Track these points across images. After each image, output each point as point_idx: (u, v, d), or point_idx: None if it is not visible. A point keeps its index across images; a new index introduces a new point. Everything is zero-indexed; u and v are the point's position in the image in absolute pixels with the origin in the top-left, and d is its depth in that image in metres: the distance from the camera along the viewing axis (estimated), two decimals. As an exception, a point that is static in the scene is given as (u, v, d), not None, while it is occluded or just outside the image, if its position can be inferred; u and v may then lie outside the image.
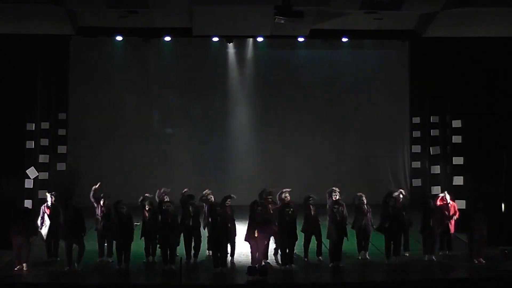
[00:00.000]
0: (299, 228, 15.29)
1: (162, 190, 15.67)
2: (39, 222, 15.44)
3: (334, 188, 15.33)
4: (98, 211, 15.46)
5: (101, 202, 15.45)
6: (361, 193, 15.74)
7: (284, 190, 15.33)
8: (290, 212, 14.87)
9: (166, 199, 15.27)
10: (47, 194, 15.68)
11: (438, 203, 15.94)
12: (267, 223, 14.88)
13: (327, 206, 15.28)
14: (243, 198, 16.12)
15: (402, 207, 15.49)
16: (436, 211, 15.62)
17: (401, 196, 15.70)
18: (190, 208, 15.25)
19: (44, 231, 15.31)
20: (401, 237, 15.43)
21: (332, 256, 15.04)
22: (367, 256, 15.63)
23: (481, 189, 17.25)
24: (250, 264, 14.58)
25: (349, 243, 15.59)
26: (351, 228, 15.60)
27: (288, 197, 15.22)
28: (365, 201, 15.59)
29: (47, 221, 15.25)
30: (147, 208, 15.24)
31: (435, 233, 15.54)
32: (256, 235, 14.68)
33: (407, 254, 15.80)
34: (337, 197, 15.17)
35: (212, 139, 22.33)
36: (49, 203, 15.43)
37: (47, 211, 15.35)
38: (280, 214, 14.99)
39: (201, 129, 22.32)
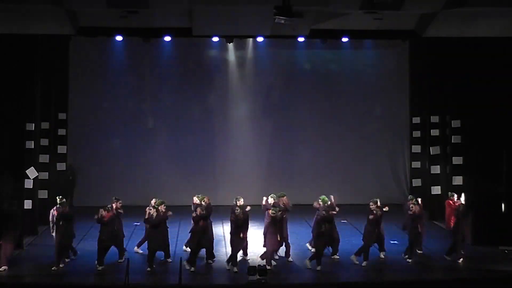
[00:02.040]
0: (298, 228, 15.37)
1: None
2: (50, 225, 15.60)
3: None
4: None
5: (115, 204, 15.36)
6: (373, 201, 15.69)
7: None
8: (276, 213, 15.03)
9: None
10: (57, 198, 15.66)
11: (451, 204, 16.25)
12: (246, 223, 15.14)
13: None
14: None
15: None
16: (421, 216, 15.67)
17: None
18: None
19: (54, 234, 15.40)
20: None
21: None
22: (382, 256, 15.77)
23: (481, 189, 17.26)
24: (249, 264, 14.62)
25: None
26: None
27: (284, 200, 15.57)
28: (373, 210, 15.50)
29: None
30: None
31: (422, 235, 15.68)
32: (242, 236, 14.88)
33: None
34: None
35: (212, 138, 22.31)
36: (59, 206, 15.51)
37: (55, 213, 15.39)
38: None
39: (201, 129, 22.29)
